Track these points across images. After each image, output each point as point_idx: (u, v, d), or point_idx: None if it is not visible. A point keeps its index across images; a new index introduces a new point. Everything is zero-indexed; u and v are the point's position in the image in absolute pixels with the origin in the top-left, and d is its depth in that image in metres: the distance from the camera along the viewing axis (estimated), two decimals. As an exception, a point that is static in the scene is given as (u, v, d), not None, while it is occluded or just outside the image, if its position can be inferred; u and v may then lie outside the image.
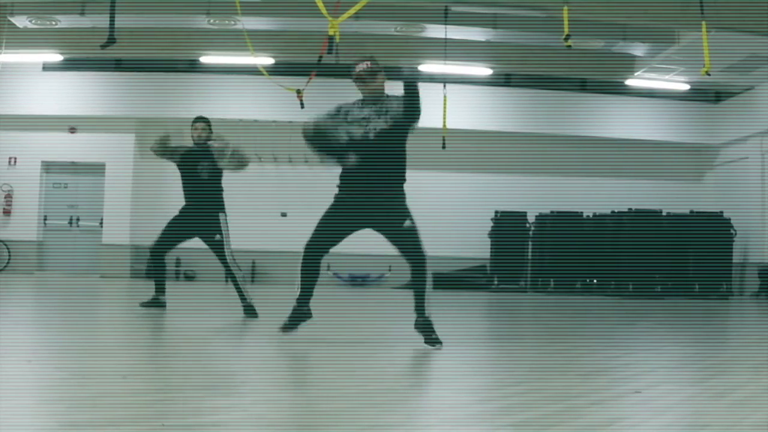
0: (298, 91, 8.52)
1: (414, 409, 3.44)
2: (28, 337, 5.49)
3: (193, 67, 17.47)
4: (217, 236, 7.53)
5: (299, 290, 5.57)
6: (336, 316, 8.95)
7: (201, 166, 7.57)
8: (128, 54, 16.04)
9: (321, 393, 3.70)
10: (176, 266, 17.10)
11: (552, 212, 16.98)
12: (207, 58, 16.20)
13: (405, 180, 5.53)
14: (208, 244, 7.65)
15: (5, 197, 17.32)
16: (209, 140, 7.59)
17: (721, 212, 16.50)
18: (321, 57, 9.27)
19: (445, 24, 13.85)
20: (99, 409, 3.00)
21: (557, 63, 15.96)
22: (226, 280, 8.44)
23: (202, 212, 7.59)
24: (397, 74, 5.66)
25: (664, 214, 16.54)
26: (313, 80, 9.27)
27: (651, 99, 18.15)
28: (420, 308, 5.40)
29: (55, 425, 2.71)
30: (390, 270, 17.04)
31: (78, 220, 17.71)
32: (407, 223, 5.37)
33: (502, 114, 17.94)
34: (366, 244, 20.25)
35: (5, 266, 17.05)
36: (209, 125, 7.71)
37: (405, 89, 5.34)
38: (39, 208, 17.51)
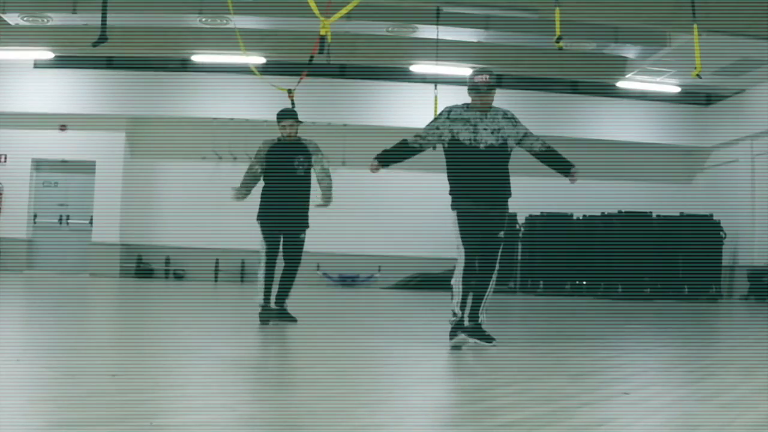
0: (290, 91, 8.51)
1: (404, 410, 3.44)
2: (17, 336, 5.47)
3: (184, 65, 17.43)
4: (302, 235, 7.29)
5: (460, 308, 5.67)
6: (325, 316, 8.94)
7: (298, 161, 7.28)
8: (120, 52, 15.99)
9: (310, 393, 3.69)
10: (165, 265, 17.05)
11: (542, 213, 16.99)
12: (199, 57, 16.17)
13: (511, 194, 5.90)
14: (287, 242, 7.27)
15: (-5, 195, 17.27)
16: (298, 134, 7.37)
17: (711, 214, 16.55)
18: (312, 57, 9.28)
19: (437, 24, 13.85)
20: (88, 408, 2.99)
21: (549, 64, 15.99)
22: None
23: (296, 208, 7.25)
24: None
25: (654, 216, 16.57)
26: (304, 80, 9.27)
27: (642, 101, 18.20)
28: (474, 314, 5.61)
29: (44, 424, 2.69)
30: (379, 270, 17.03)
31: (68, 218, 17.65)
32: (501, 234, 5.75)
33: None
34: (355, 244, 20.16)
35: (-6, 264, 16.99)
36: (297, 119, 7.40)
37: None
38: (29, 206, 17.44)
